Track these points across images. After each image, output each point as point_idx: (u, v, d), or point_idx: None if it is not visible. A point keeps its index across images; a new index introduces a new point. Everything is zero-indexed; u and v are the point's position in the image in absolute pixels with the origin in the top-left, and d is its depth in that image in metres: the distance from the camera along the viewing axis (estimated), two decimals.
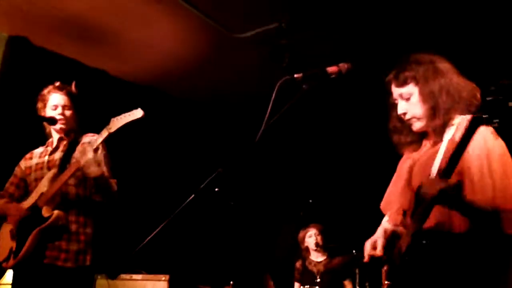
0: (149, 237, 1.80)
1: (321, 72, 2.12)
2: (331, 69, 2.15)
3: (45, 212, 3.00)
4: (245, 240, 6.27)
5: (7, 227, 3.17)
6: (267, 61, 4.97)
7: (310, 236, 5.29)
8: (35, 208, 3.04)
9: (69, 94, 3.29)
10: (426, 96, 2.15)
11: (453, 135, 2.02)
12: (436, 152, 2.09)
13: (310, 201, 5.36)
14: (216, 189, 1.91)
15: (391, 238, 2.25)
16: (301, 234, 5.37)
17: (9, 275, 3.90)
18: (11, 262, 3.01)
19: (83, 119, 3.34)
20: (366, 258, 2.28)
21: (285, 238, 6.23)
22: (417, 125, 2.21)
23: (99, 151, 3.03)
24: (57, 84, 3.32)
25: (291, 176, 6.54)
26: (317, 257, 5.30)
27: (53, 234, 2.98)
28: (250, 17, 4.52)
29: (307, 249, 5.33)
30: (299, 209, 5.55)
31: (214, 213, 5.23)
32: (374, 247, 2.24)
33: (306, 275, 5.24)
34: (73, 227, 3.06)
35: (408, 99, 2.20)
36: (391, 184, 2.47)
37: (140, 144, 5.27)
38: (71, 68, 5.06)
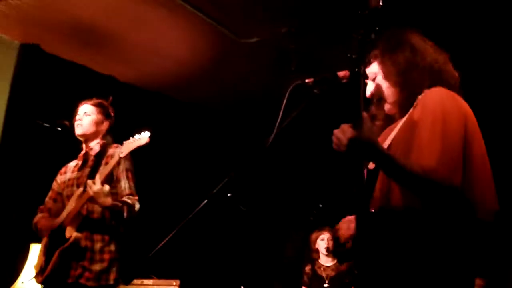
0: (163, 242, 1.80)
1: (331, 76, 2.12)
2: (342, 73, 2.14)
3: (67, 233, 3.02)
4: (255, 245, 6.27)
5: (43, 243, 3.21)
6: (275, 66, 4.98)
7: (322, 240, 5.23)
8: (62, 227, 3.07)
9: (96, 104, 3.31)
10: (387, 73, 1.99)
11: (412, 111, 1.88)
12: (393, 128, 1.94)
13: (320, 205, 5.34)
14: (229, 194, 1.91)
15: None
16: (314, 235, 5.31)
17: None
18: (40, 278, 3.06)
19: (113, 130, 3.35)
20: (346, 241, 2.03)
21: (295, 243, 6.22)
22: (385, 108, 2.03)
23: (120, 168, 3.11)
24: (91, 99, 3.35)
25: (301, 181, 6.53)
26: (326, 261, 5.26)
27: (74, 254, 3.00)
28: (258, 22, 4.53)
29: (316, 251, 5.28)
30: (309, 214, 5.54)
31: (225, 218, 5.23)
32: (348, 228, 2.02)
33: (315, 280, 5.20)
34: (98, 246, 3.07)
35: (374, 80, 2.05)
36: None
37: (150, 150, 5.28)
38: (81, 75, 5.10)
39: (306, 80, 2.05)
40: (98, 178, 2.96)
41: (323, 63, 4.65)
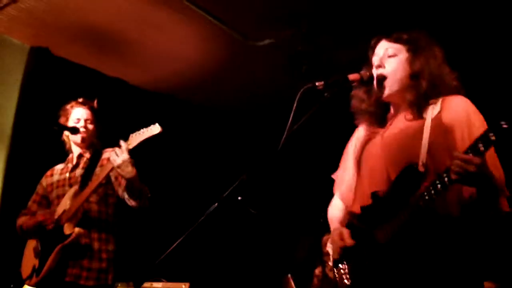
0: (174, 245, 1.80)
1: (342, 79, 2.11)
2: (353, 76, 2.14)
3: (66, 230, 3.00)
4: (265, 248, 6.25)
5: (31, 244, 3.20)
6: (285, 68, 4.97)
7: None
8: (58, 226, 3.06)
9: (91, 109, 3.33)
10: (412, 64, 2.07)
11: (439, 114, 1.97)
12: (417, 129, 1.99)
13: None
14: (239, 198, 1.90)
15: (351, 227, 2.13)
16: (325, 237, 5.29)
17: None
18: (34, 280, 3.02)
19: (104, 134, 3.37)
20: (336, 254, 2.18)
21: (305, 246, 6.20)
22: (387, 91, 2.10)
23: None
24: (80, 100, 3.37)
25: (312, 184, 6.50)
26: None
27: (75, 252, 2.98)
28: (268, 24, 4.53)
29: (327, 254, 5.25)
30: (319, 216, 5.51)
31: (235, 221, 5.22)
32: (341, 238, 2.11)
33: (325, 282, 5.18)
34: (96, 245, 3.06)
35: (392, 56, 2.12)
36: (345, 162, 2.34)
37: (160, 153, 5.30)
38: (91, 78, 5.11)
39: (317, 84, 2.04)
40: (124, 147, 2.89)
41: (333, 66, 4.63)
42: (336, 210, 2.37)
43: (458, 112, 1.96)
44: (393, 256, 1.86)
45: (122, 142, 2.94)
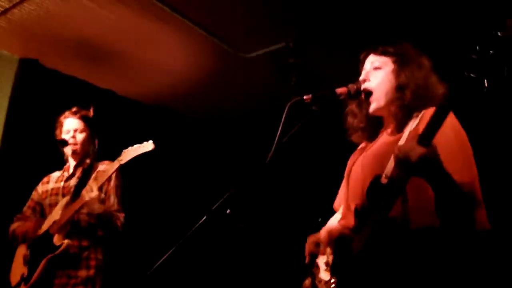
0: (162, 259, 1.80)
1: (330, 93, 2.13)
2: (340, 90, 2.16)
3: (56, 240, 3.02)
4: (254, 262, 6.24)
5: (21, 251, 3.19)
6: (275, 81, 4.99)
7: (322, 254, 5.19)
8: (48, 235, 3.06)
9: (83, 118, 3.34)
10: (397, 77, 2.06)
11: (417, 126, 1.94)
12: (394, 142, 1.96)
13: (320, 219, 5.30)
14: (228, 211, 1.91)
15: (339, 237, 2.19)
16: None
17: None
18: None
19: (99, 143, 3.37)
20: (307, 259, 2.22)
21: (294, 258, 6.18)
22: (374, 105, 2.10)
23: (111, 184, 3.08)
24: (73, 109, 3.38)
25: (301, 195, 6.51)
26: (326, 276, 5.21)
27: (63, 262, 3.00)
28: (258, 37, 4.55)
29: (317, 265, 5.23)
30: (308, 228, 5.51)
31: (224, 234, 5.21)
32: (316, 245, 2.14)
33: None
34: (84, 253, 3.08)
35: (378, 68, 2.12)
36: (344, 180, 2.33)
37: (149, 164, 5.27)
38: (81, 90, 5.10)
39: (305, 97, 2.06)
40: (95, 185, 2.96)
41: (323, 79, 4.65)
42: (334, 217, 2.48)
43: (457, 136, 1.92)
44: (364, 267, 1.87)
45: (91, 181, 2.99)
